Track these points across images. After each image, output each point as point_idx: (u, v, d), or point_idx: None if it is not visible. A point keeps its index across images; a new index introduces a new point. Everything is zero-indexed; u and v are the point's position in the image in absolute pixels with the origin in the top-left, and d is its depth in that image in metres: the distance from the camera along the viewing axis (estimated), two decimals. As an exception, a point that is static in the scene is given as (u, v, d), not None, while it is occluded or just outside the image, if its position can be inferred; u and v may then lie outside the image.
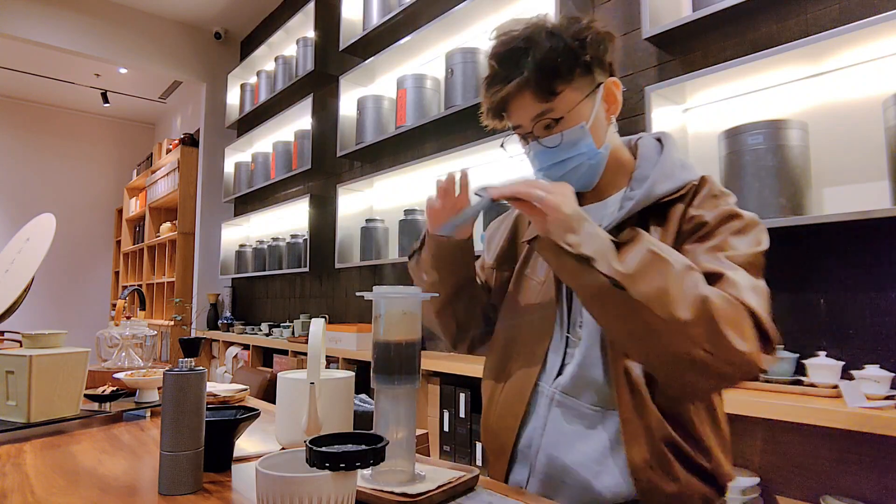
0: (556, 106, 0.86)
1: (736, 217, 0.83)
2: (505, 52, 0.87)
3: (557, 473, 0.88)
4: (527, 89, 0.85)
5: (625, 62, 2.09)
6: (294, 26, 3.98)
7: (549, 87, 0.85)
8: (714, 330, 0.70)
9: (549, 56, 0.83)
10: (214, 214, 5.03)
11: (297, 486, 0.58)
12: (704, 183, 0.89)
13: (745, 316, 0.72)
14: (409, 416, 0.80)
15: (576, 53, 0.85)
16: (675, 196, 0.87)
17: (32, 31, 4.20)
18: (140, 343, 1.69)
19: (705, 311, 0.70)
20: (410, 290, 0.82)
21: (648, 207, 0.87)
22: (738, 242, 0.80)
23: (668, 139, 0.97)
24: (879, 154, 1.49)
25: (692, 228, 0.84)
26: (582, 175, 0.92)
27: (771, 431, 1.61)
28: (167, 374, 0.77)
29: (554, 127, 0.88)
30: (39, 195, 6.70)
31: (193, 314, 4.80)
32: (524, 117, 0.89)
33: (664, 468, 0.81)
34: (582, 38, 0.85)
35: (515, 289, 1.02)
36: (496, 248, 1.09)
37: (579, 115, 0.87)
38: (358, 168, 3.50)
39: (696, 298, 0.70)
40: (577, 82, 0.86)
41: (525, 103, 0.87)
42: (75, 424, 1.19)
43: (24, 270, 1.33)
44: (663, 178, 0.88)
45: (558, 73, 0.84)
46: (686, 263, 0.74)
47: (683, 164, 0.91)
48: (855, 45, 1.48)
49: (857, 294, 1.51)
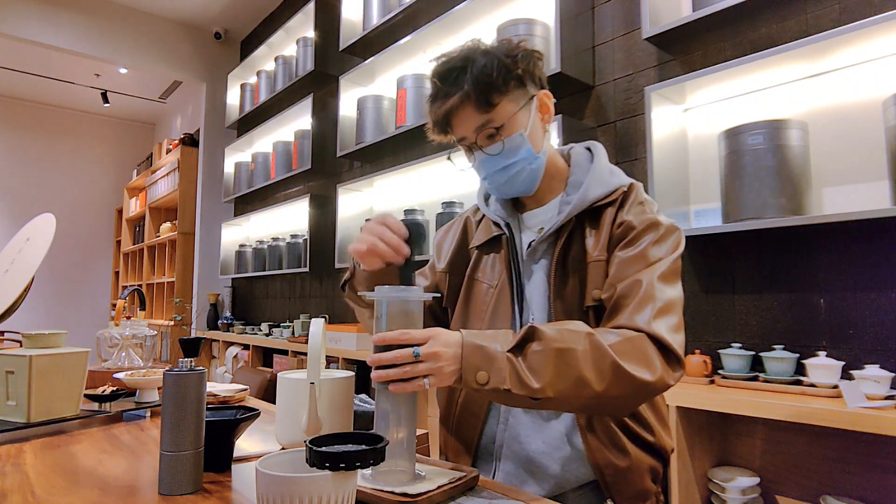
0: (496, 116, 0.94)
1: (656, 226, 0.93)
2: (445, 70, 0.95)
3: (522, 465, 0.96)
4: (468, 102, 0.93)
5: (625, 62, 2.09)
6: (294, 26, 3.98)
7: (488, 98, 0.92)
8: (627, 379, 0.79)
9: (485, 71, 0.91)
10: (214, 214, 5.03)
11: (297, 486, 0.58)
12: (633, 190, 0.99)
13: (649, 345, 0.82)
14: (409, 416, 0.80)
15: (508, 68, 0.93)
16: (608, 200, 0.97)
17: (32, 31, 4.20)
18: (140, 343, 1.69)
19: (616, 371, 0.78)
20: (410, 290, 0.82)
21: (584, 211, 0.97)
22: (657, 251, 0.91)
23: (598, 148, 1.06)
24: (879, 154, 1.49)
25: (621, 233, 0.94)
26: (524, 179, 1.00)
27: (771, 431, 1.61)
28: (167, 374, 0.77)
29: (496, 136, 0.95)
30: (39, 195, 6.70)
31: (193, 314, 4.80)
32: (468, 129, 0.96)
33: (615, 444, 0.92)
34: (513, 55, 0.94)
35: (467, 294, 1.09)
36: (446, 254, 1.16)
37: (518, 124, 0.95)
38: (358, 168, 3.50)
39: (605, 368, 0.78)
40: (512, 94, 0.94)
41: (467, 115, 0.94)
42: (75, 424, 1.19)
43: (24, 270, 1.33)
44: (596, 184, 0.98)
45: (495, 86, 0.92)
46: (585, 334, 0.81)
47: (612, 171, 1.01)
48: (855, 45, 1.48)
49: (857, 294, 1.51)
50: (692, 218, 1.88)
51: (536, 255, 1.02)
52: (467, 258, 1.12)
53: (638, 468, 0.93)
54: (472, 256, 1.11)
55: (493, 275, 1.05)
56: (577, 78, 2.11)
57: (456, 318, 1.10)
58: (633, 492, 0.93)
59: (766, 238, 1.68)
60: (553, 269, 0.97)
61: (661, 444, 0.97)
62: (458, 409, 1.03)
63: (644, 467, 0.94)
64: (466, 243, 1.14)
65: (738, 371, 1.61)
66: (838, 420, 1.26)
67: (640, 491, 0.94)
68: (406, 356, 0.75)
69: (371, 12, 3.13)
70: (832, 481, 1.50)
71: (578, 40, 2.15)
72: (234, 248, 4.66)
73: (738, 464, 1.66)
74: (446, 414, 1.06)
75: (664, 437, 0.98)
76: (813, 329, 1.58)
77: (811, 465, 1.54)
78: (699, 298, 1.82)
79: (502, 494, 0.79)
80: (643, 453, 0.95)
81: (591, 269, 0.94)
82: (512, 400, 0.80)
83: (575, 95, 2.23)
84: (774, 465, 1.60)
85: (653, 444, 0.96)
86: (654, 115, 1.80)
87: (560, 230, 0.98)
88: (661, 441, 0.97)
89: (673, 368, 0.83)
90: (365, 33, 3.13)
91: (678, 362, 0.83)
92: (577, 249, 0.97)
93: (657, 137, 1.81)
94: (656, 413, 0.99)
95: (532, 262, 1.02)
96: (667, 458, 0.99)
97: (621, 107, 2.08)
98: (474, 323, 1.05)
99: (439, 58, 0.97)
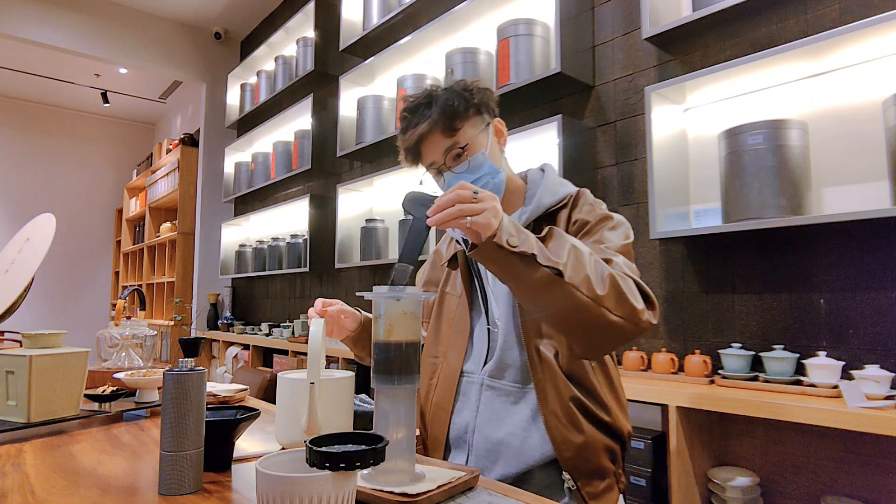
0: (460, 138, 1.09)
1: (608, 218, 1.07)
2: (413, 106, 1.12)
3: (493, 448, 1.05)
4: (436, 128, 1.08)
5: (625, 62, 2.09)
6: (294, 26, 3.98)
7: (451, 124, 1.08)
8: (620, 297, 0.89)
9: (448, 102, 1.08)
10: (214, 214, 5.03)
11: (297, 486, 0.58)
12: (581, 195, 1.12)
13: (632, 284, 0.93)
14: (409, 416, 0.80)
15: (467, 99, 1.09)
16: (560, 205, 1.11)
17: (32, 31, 4.20)
18: (140, 343, 1.69)
19: (613, 284, 0.89)
20: (410, 291, 0.82)
21: (540, 217, 1.10)
22: (612, 235, 1.03)
23: (549, 167, 1.21)
24: (879, 154, 1.49)
25: (577, 229, 1.07)
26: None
27: (771, 431, 1.61)
28: (167, 374, 0.77)
29: (462, 155, 1.10)
30: (39, 195, 6.70)
31: (193, 314, 4.80)
32: (437, 152, 1.10)
33: (572, 422, 1.01)
34: (469, 90, 1.10)
35: (439, 307, 1.23)
36: (423, 279, 1.33)
37: (479, 144, 1.11)
38: (358, 168, 3.50)
39: (605, 276, 0.90)
40: (471, 120, 1.10)
41: (435, 140, 1.09)
42: (75, 424, 1.19)
43: (24, 270, 1.33)
44: (548, 193, 1.12)
45: (457, 113, 1.08)
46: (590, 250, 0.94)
47: (562, 182, 1.16)
48: (855, 45, 1.48)
49: (857, 294, 1.51)
50: (692, 218, 1.88)
51: None
52: (440, 275, 1.28)
53: (593, 446, 1.01)
54: (442, 274, 1.26)
55: (456, 286, 1.20)
56: (577, 78, 2.11)
57: (431, 326, 1.24)
58: (590, 468, 1.01)
59: (766, 238, 1.68)
60: None
61: (617, 425, 1.05)
62: (433, 406, 1.16)
63: (599, 446, 1.02)
64: (438, 263, 1.30)
65: (738, 371, 1.61)
66: (838, 420, 1.26)
67: (596, 468, 1.02)
68: (467, 195, 0.85)
69: (371, 12, 3.13)
70: (832, 481, 1.50)
71: (578, 40, 2.15)
72: (234, 248, 4.66)
73: (738, 464, 1.66)
74: (421, 413, 1.19)
75: (621, 419, 1.07)
76: (813, 329, 1.58)
77: (811, 465, 1.54)
78: (699, 298, 1.82)
79: (502, 494, 0.79)
80: (598, 432, 1.03)
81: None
82: (530, 272, 0.86)
83: (575, 95, 2.23)
84: (774, 465, 1.60)
85: (609, 424, 1.04)
86: (654, 115, 1.80)
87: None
88: (618, 423, 1.05)
89: (650, 307, 0.93)
90: (365, 33, 3.13)
91: (654, 306, 0.94)
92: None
93: (657, 137, 1.81)
94: (614, 394, 1.08)
95: None
96: (624, 440, 1.08)
97: (621, 107, 2.08)
98: (443, 328, 1.19)
99: (405, 99, 1.14)
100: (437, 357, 1.18)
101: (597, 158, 2.14)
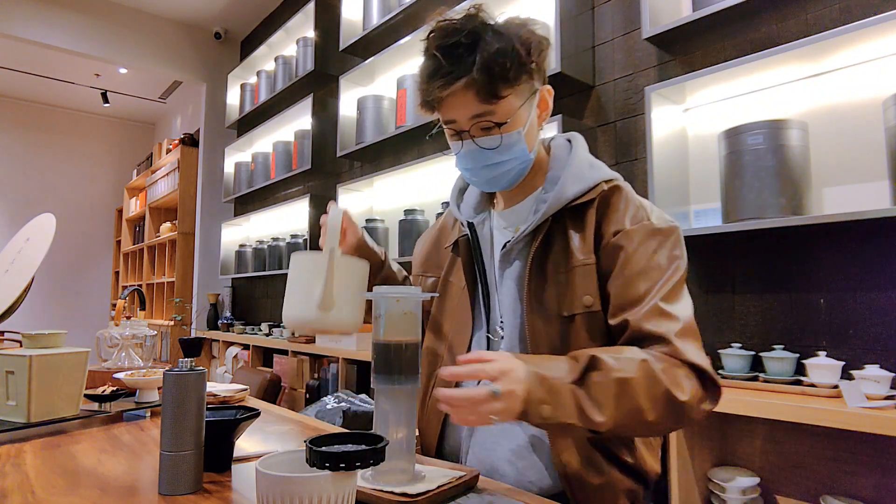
0: (498, 109, 0.85)
1: (657, 234, 0.86)
2: (449, 45, 0.83)
3: (487, 472, 0.91)
4: (471, 88, 0.83)
5: (625, 62, 2.09)
6: (294, 26, 3.98)
7: (495, 90, 0.83)
8: (675, 413, 0.76)
9: (498, 59, 0.81)
10: (214, 214, 5.03)
11: (297, 486, 0.58)
12: (617, 193, 0.91)
13: (687, 372, 0.79)
14: (409, 416, 0.80)
15: (522, 59, 0.84)
16: (587, 199, 0.90)
17: (32, 31, 4.19)
18: (140, 343, 1.69)
19: (667, 401, 0.76)
20: (410, 290, 0.82)
21: (562, 210, 0.90)
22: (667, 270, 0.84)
23: (577, 139, 0.99)
24: (879, 154, 1.49)
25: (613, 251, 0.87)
26: (511, 178, 0.95)
27: (771, 431, 1.61)
28: (167, 374, 0.77)
29: (492, 129, 0.87)
30: (39, 195, 6.70)
31: (193, 314, 4.80)
32: (462, 115, 0.87)
33: (589, 461, 0.86)
34: (528, 44, 0.85)
35: (443, 294, 1.06)
36: (420, 257, 1.17)
37: (518, 121, 0.88)
38: (358, 168, 3.50)
39: (658, 396, 0.75)
40: (520, 87, 0.86)
41: (466, 101, 0.85)
42: (75, 424, 1.19)
43: (24, 270, 1.33)
44: (573, 180, 0.90)
45: (506, 77, 0.83)
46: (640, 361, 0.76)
47: (592, 164, 0.94)
48: (855, 45, 1.48)
49: (857, 294, 1.51)
50: (692, 218, 1.88)
51: (511, 257, 0.96)
52: (443, 257, 1.08)
53: (612, 488, 0.87)
54: (446, 257, 1.07)
55: (460, 277, 1.02)
56: (577, 78, 2.11)
57: (432, 317, 1.08)
58: None
59: (766, 238, 1.68)
60: (528, 272, 0.91)
61: (642, 466, 0.91)
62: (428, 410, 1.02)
63: (620, 488, 0.88)
64: (442, 243, 1.11)
65: (738, 371, 1.61)
66: (838, 420, 1.26)
67: None
68: (484, 397, 0.69)
69: (371, 12, 3.13)
70: (832, 481, 1.50)
71: (578, 40, 2.15)
72: (234, 248, 4.66)
73: (738, 464, 1.66)
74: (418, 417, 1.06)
75: (647, 460, 0.92)
76: (813, 329, 1.58)
77: (811, 465, 1.54)
78: (699, 298, 1.82)
79: (502, 494, 0.79)
80: (620, 474, 0.88)
81: (578, 274, 0.88)
82: (570, 431, 0.78)
83: (575, 95, 2.23)
84: (774, 465, 1.60)
85: (632, 466, 0.90)
86: (654, 115, 1.80)
87: (536, 230, 0.92)
88: (643, 463, 0.91)
89: (710, 396, 0.80)
90: (365, 33, 3.13)
91: (716, 387, 0.81)
92: (558, 252, 0.91)
93: (657, 137, 1.81)
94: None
95: (506, 265, 0.97)
96: (648, 480, 0.93)
97: (621, 107, 2.08)
98: (444, 323, 1.04)
99: (441, 22, 0.85)
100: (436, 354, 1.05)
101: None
